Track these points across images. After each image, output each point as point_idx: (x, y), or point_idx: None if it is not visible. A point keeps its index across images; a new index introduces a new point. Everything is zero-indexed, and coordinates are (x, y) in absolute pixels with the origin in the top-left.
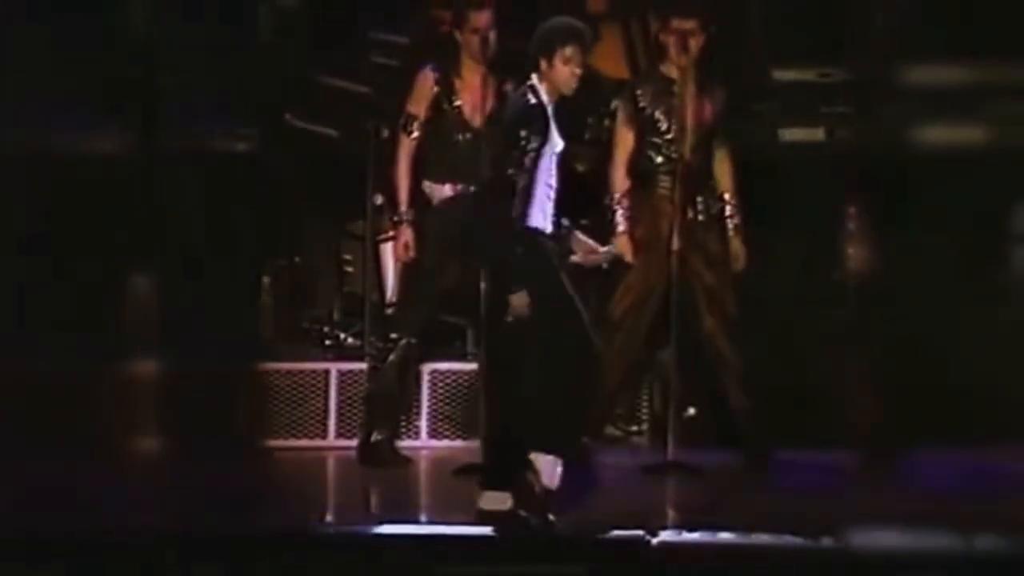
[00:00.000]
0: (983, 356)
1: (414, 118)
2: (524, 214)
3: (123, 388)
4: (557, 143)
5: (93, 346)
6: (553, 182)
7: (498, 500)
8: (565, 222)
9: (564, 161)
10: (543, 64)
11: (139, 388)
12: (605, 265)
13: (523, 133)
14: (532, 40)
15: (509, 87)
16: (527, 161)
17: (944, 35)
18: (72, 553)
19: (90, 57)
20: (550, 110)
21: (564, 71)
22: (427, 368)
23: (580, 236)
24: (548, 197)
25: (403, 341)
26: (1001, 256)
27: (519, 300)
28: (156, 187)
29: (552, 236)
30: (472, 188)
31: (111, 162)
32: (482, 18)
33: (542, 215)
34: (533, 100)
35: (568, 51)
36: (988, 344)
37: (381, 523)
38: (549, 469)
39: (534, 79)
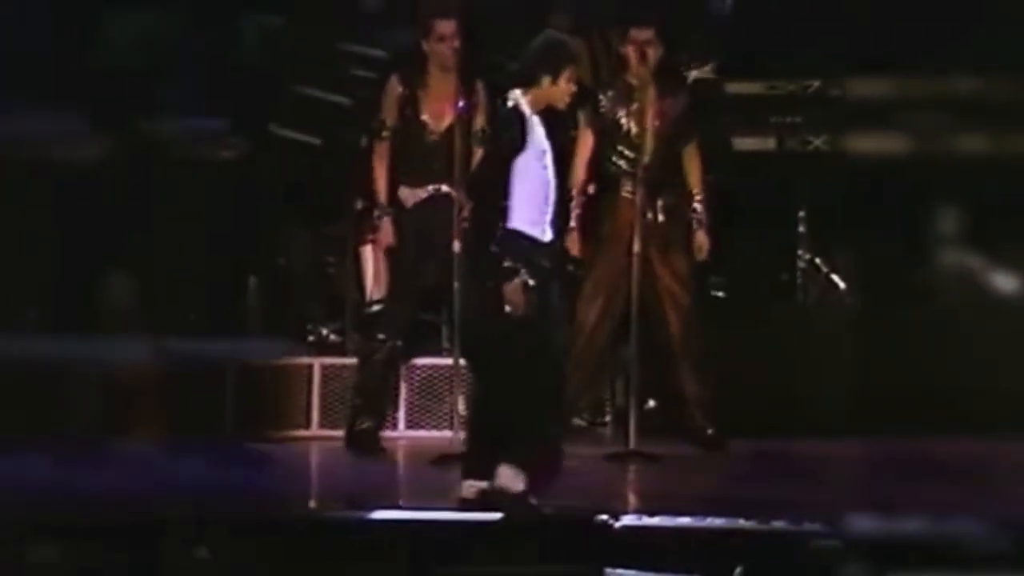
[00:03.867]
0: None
1: (384, 125)
2: (510, 218)
3: (113, 382)
4: (543, 146)
5: (85, 341)
6: (545, 186)
7: (475, 488)
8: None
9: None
10: (546, 81)
11: (129, 381)
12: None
13: (504, 138)
14: (531, 54)
15: (479, 94)
16: (512, 166)
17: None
18: (68, 537)
19: (80, 64)
20: (532, 117)
21: (566, 89)
22: (404, 362)
23: None
24: (542, 200)
25: (389, 343)
26: (932, 258)
27: (514, 291)
28: (147, 191)
29: (543, 240)
30: (443, 190)
31: (101, 166)
32: (447, 27)
33: (532, 218)
34: (511, 104)
35: (571, 71)
36: (921, 337)
37: (364, 508)
38: (510, 476)
39: (517, 92)
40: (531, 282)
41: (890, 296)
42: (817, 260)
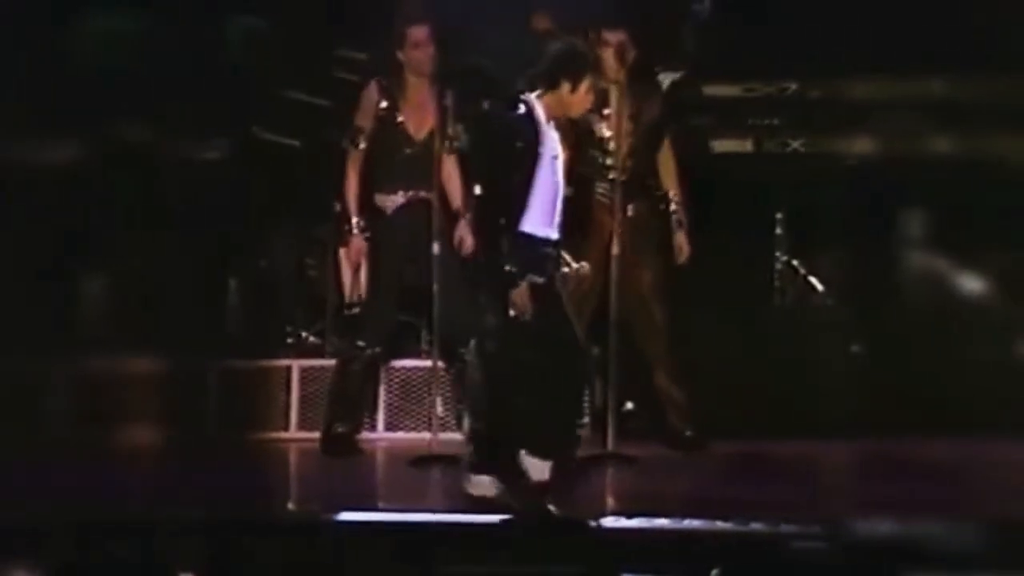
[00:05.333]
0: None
1: (361, 131)
2: (521, 221)
3: (91, 384)
4: (555, 150)
5: (64, 344)
6: (556, 189)
7: (485, 486)
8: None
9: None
10: (565, 86)
11: (109, 384)
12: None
13: (516, 143)
14: (552, 61)
15: (449, 99)
16: (523, 170)
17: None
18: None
19: (61, 65)
20: (547, 123)
21: (584, 99)
22: (383, 366)
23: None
24: (551, 204)
25: (368, 351)
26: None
27: (520, 296)
28: (127, 193)
29: (551, 240)
30: (422, 195)
31: (81, 168)
32: (420, 33)
33: (541, 222)
34: (523, 110)
35: (590, 81)
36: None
37: (343, 510)
38: (538, 467)
39: (532, 96)
40: (539, 281)
41: (868, 297)
42: (795, 262)
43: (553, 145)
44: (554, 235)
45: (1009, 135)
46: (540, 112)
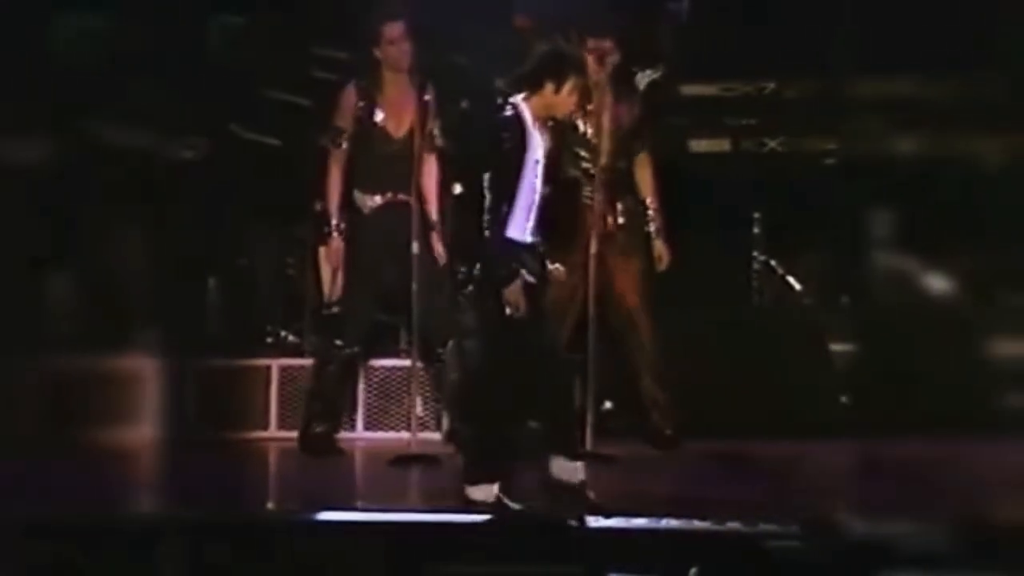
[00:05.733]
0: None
1: (340, 131)
2: (505, 224)
3: (68, 383)
4: (537, 155)
5: (43, 343)
6: (533, 194)
7: (485, 491)
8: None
9: (548, 171)
10: (549, 87)
11: (87, 383)
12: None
13: (502, 144)
14: (537, 61)
15: (428, 96)
16: (507, 172)
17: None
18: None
19: (41, 63)
20: (532, 123)
21: (568, 100)
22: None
23: None
24: (531, 207)
25: (347, 351)
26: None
27: (514, 294)
28: (107, 192)
29: (530, 246)
30: (400, 197)
31: (62, 166)
32: (395, 29)
33: (520, 225)
34: (510, 112)
35: (575, 82)
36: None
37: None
38: (569, 469)
39: (518, 99)
40: (531, 280)
41: (846, 296)
42: (772, 262)
43: (536, 149)
44: (530, 238)
45: (987, 135)
46: (527, 115)
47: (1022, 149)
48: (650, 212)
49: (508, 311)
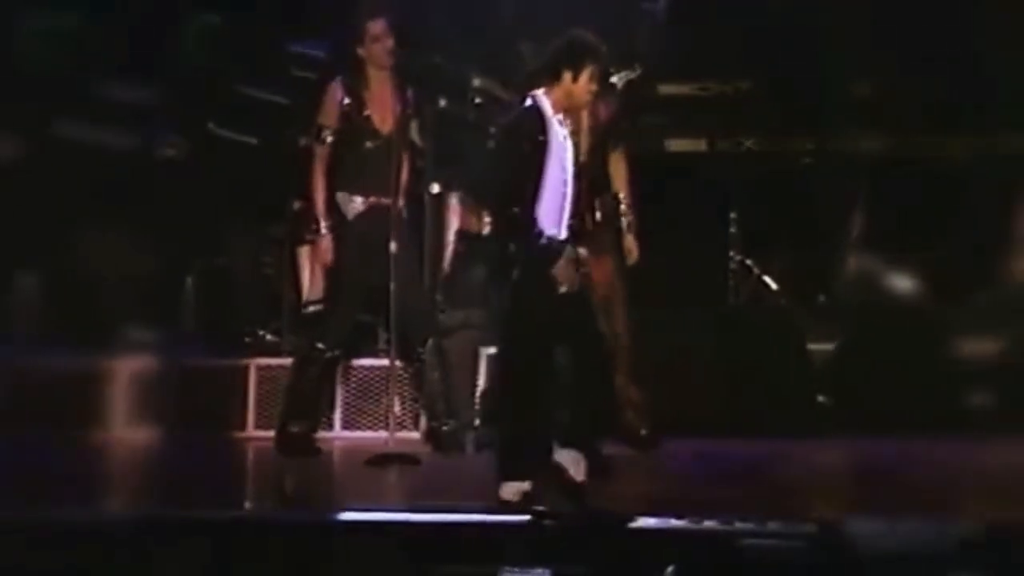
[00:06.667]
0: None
1: (325, 129)
2: (534, 218)
3: (45, 382)
4: (564, 146)
5: (17, 342)
6: (566, 186)
7: (517, 490)
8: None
9: (577, 164)
10: (567, 76)
11: (62, 382)
12: None
13: (523, 139)
14: (555, 49)
15: (408, 93)
16: (532, 166)
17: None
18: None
19: (15, 63)
20: (554, 117)
21: (587, 88)
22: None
23: None
24: (561, 200)
25: (328, 354)
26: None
27: (565, 268)
28: (85, 190)
29: (564, 239)
30: (384, 200)
31: (40, 165)
32: (378, 27)
33: (553, 218)
34: (530, 103)
35: (594, 69)
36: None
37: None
38: (574, 464)
39: (540, 92)
40: (583, 253)
41: (822, 296)
42: (748, 261)
43: (561, 141)
44: (562, 234)
45: (961, 135)
46: (547, 108)
47: (995, 150)
48: (623, 207)
49: (561, 288)
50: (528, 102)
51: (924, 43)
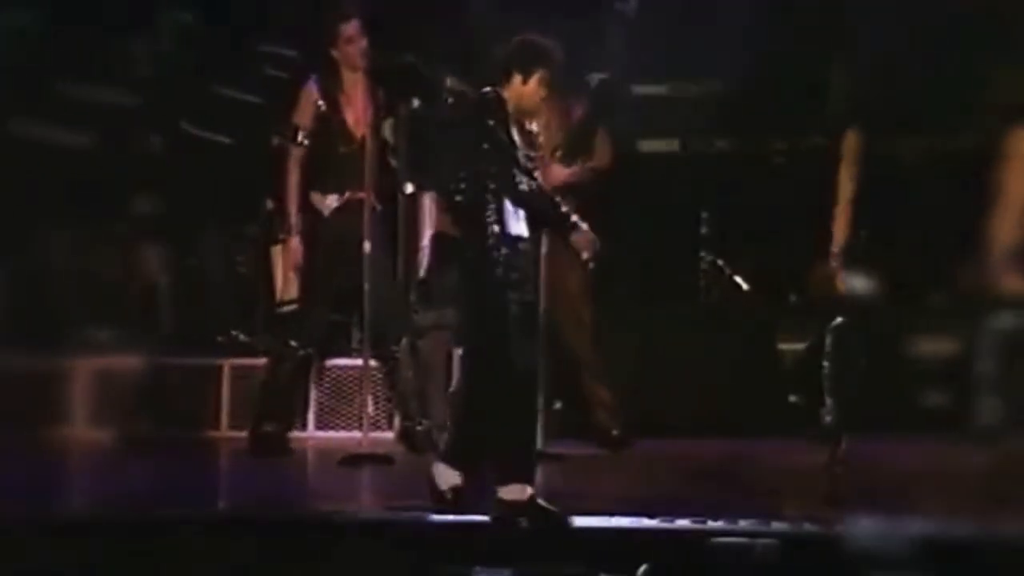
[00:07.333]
0: None
1: (300, 129)
2: (500, 219)
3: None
4: (523, 149)
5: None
6: (525, 186)
7: (517, 491)
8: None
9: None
10: (517, 78)
11: (35, 382)
12: None
13: (486, 141)
14: (509, 50)
15: (381, 93)
16: (496, 166)
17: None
18: None
19: None
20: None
21: (537, 92)
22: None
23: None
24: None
25: (301, 352)
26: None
27: (585, 238)
28: (58, 189)
29: (527, 240)
30: (358, 199)
31: (11, 164)
32: (351, 28)
33: (516, 218)
34: (489, 90)
35: (544, 73)
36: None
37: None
38: (515, 489)
39: (500, 89)
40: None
41: (793, 296)
42: (720, 262)
43: (520, 143)
44: (524, 233)
45: (937, 133)
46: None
47: (968, 150)
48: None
49: (585, 256)
50: (487, 90)
51: (894, 42)
